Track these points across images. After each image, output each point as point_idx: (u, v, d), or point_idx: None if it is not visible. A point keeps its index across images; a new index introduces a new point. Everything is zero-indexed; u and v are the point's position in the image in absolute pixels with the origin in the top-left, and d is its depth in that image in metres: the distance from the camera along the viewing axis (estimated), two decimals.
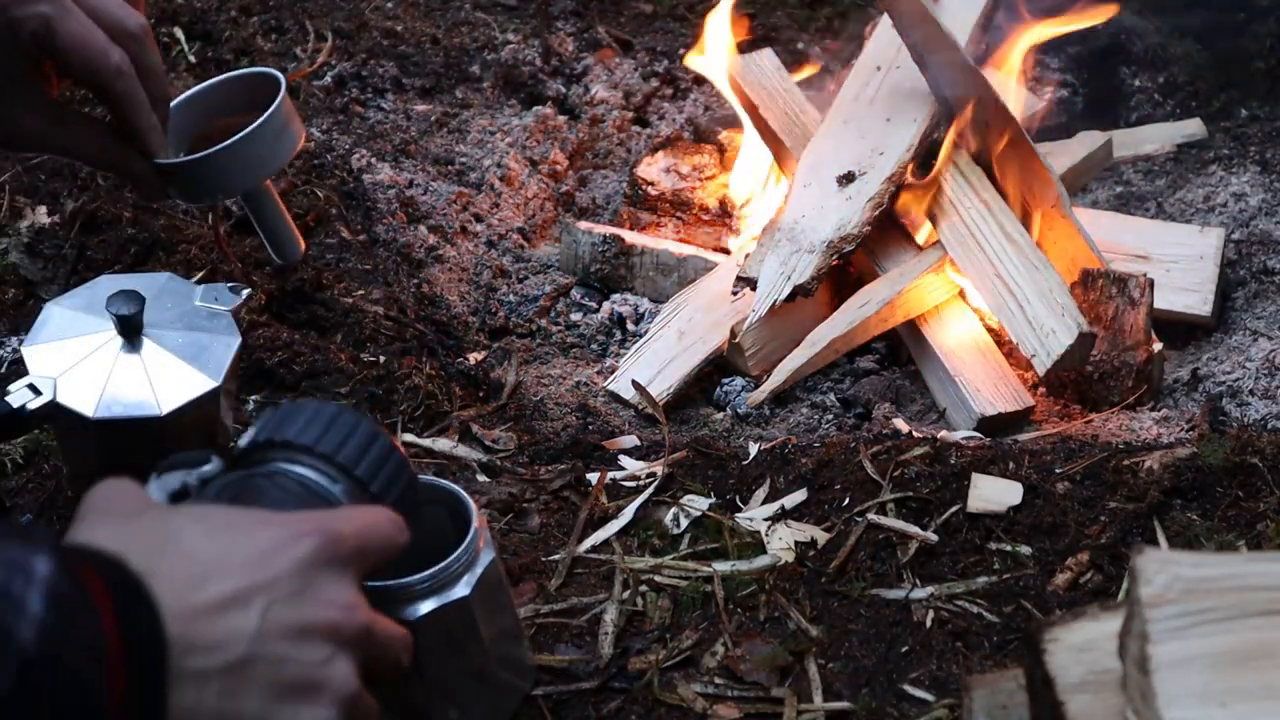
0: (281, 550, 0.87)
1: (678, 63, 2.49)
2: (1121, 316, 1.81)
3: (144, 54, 1.25)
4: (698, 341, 1.92)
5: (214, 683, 0.82)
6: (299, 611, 0.86)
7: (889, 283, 1.90)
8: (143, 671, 0.79)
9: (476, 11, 2.51)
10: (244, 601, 0.84)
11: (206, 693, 0.82)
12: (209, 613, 0.83)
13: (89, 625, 0.77)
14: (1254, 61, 2.42)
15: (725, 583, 1.38)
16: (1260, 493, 1.42)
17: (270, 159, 1.33)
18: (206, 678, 0.82)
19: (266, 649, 0.84)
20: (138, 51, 1.24)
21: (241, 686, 0.83)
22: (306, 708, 0.85)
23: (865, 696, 1.27)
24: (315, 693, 0.86)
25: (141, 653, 0.79)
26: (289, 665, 0.85)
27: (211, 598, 0.84)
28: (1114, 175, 2.28)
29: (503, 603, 1.21)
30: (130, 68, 1.23)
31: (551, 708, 1.26)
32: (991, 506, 1.43)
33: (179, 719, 0.81)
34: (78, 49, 1.20)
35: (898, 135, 1.98)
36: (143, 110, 1.25)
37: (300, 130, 1.36)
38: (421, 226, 2.07)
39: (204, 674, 0.82)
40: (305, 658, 0.86)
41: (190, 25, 2.33)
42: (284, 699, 0.85)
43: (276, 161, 1.34)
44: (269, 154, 1.32)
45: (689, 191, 2.15)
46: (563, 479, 1.54)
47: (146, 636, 0.80)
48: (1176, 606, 0.83)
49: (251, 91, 1.36)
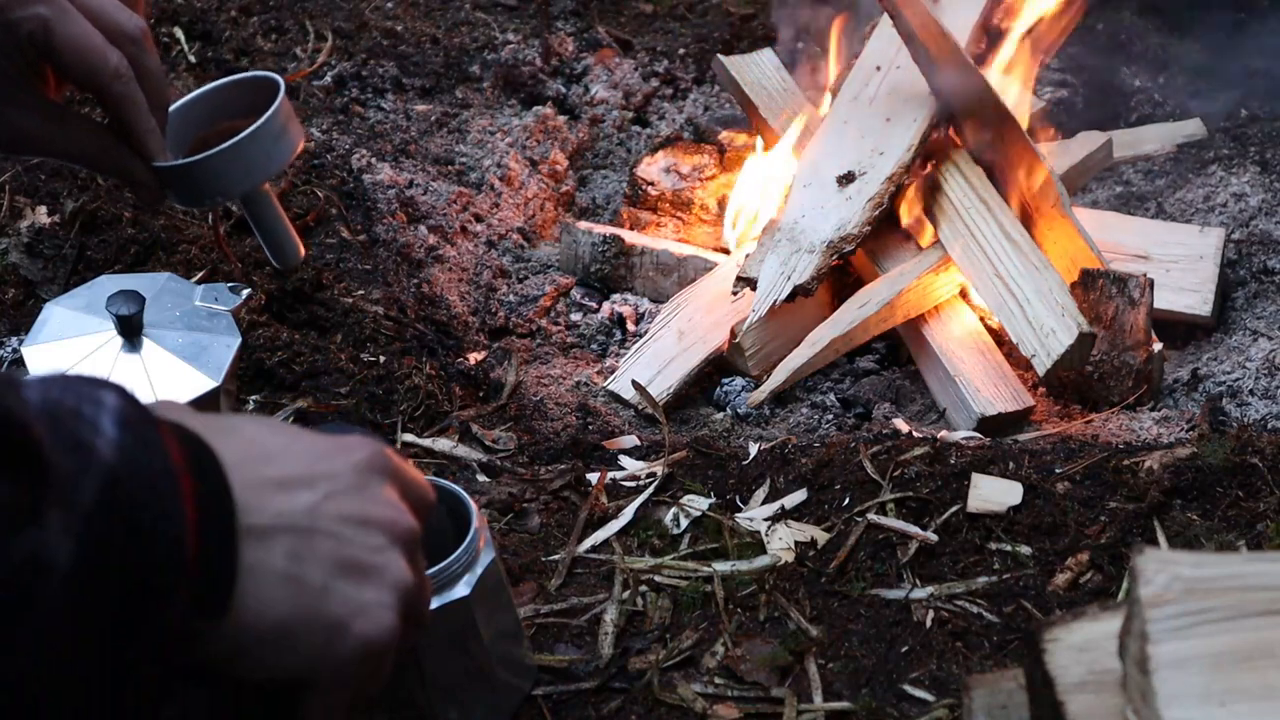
0: (338, 453, 0.89)
1: (677, 63, 2.49)
2: (1121, 316, 1.81)
3: (143, 56, 1.24)
4: (698, 341, 1.92)
5: (280, 544, 0.83)
6: (357, 503, 0.88)
7: (889, 283, 1.90)
8: (212, 509, 0.80)
9: (476, 11, 2.51)
10: (306, 483, 0.86)
11: (274, 552, 0.83)
12: (272, 486, 0.84)
13: (160, 453, 0.77)
14: (1254, 61, 2.42)
15: (725, 583, 1.38)
16: (1260, 493, 1.42)
17: (269, 162, 1.33)
18: (273, 537, 0.83)
19: (328, 526, 0.86)
20: (136, 54, 1.24)
21: (307, 553, 0.84)
22: (368, 588, 0.86)
23: (865, 696, 1.27)
24: (376, 575, 0.87)
25: (210, 492, 0.80)
26: (350, 546, 0.86)
27: (275, 474, 0.85)
28: (1114, 175, 2.28)
29: (503, 603, 1.21)
30: (129, 70, 1.23)
31: (551, 708, 1.26)
32: (991, 506, 1.43)
33: (248, 570, 0.81)
34: (76, 51, 1.20)
35: (898, 135, 1.98)
36: (141, 113, 1.25)
37: (299, 133, 1.36)
38: (421, 226, 2.07)
39: (271, 533, 0.83)
40: (365, 542, 0.87)
41: (190, 25, 2.33)
42: (346, 575, 0.86)
43: (275, 164, 1.34)
44: (268, 156, 1.32)
45: (689, 191, 2.15)
46: (563, 479, 1.54)
47: (213, 481, 0.81)
48: (1176, 606, 0.83)
49: (250, 96, 1.36)
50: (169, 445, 0.78)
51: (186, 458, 0.79)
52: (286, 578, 0.83)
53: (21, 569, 0.67)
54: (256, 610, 0.82)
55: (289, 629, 0.83)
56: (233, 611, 0.81)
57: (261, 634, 0.82)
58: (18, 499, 0.68)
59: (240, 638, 0.81)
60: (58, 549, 0.69)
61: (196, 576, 0.77)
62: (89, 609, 0.72)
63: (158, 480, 0.76)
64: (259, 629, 0.82)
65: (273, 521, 0.83)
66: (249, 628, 0.82)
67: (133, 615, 0.75)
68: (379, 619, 0.86)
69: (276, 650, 0.83)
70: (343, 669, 0.86)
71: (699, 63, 2.49)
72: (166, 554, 0.76)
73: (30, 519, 0.68)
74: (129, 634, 0.75)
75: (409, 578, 0.89)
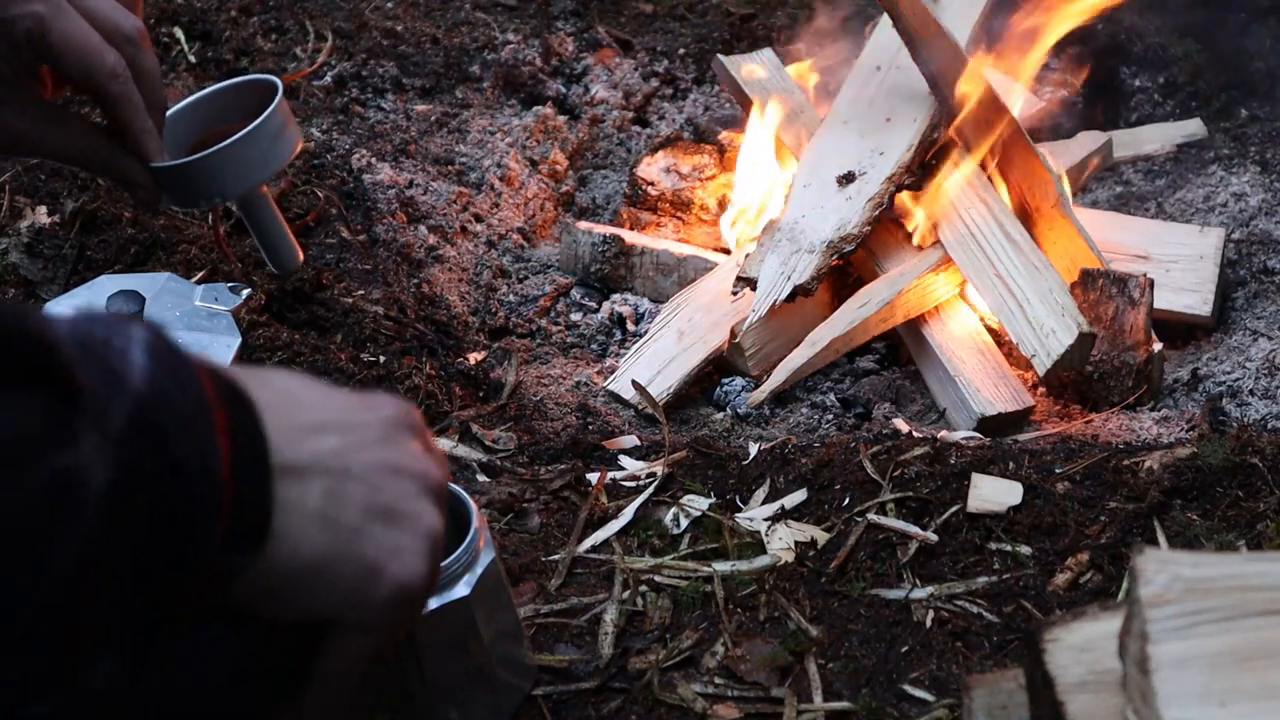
0: (367, 407, 0.90)
1: (677, 63, 2.49)
2: (1121, 316, 1.81)
3: (140, 56, 1.24)
4: (698, 341, 1.92)
5: (315, 484, 0.83)
6: (388, 452, 0.88)
7: (889, 283, 1.90)
8: (246, 444, 0.79)
9: (476, 11, 2.51)
10: (338, 430, 0.86)
11: (309, 492, 0.83)
12: (305, 430, 0.85)
13: (192, 386, 0.77)
14: (1254, 61, 2.42)
15: (725, 583, 1.38)
16: (1260, 493, 1.42)
17: (267, 162, 1.32)
18: (308, 477, 0.83)
19: (362, 472, 0.86)
20: (134, 54, 1.23)
21: (341, 495, 0.84)
22: (401, 533, 0.87)
23: (865, 696, 1.27)
24: (409, 522, 0.88)
25: (243, 427, 0.79)
26: (383, 493, 0.87)
27: (307, 420, 0.85)
28: (1114, 175, 2.29)
29: (503, 603, 1.21)
30: (126, 70, 1.22)
31: (551, 708, 1.26)
32: (991, 506, 1.43)
33: (283, 507, 0.82)
34: (72, 50, 1.20)
35: (898, 135, 1.98)
36: (138, 113, 1.24)
37: (297, 135, 1.36)
38: (421, 226, 2.07)
39: (306, 473, 0.83)
40: (398, 489, 0.88)
41: (190, 25, 2.33)
42: (380, 520, 0.86)
43: (273, 165, 1.34)
44: (265, 157, 1.32)
45: (689, 191, 2.15)
46: (563, 479, 1.54)
47: (246, 417, 0.80)
48: (1176, 606, 0.83)
49: (248, 99, 1.36)
50: (201, 379, 0.78)
51: (218, 393, 0.78)
52: (322, 518, 0.83)
53: (57, 487, 0.66)
54: (292, 548, 0.82)
55: (324, 569, 0.83)
56: (269, 548, 0.80)
57: (296, 573, 0.82)
58: (51, 418, 0.67)
59: (275, 576, 0.81)
60: (92, 471, 0.68)
61: (231, 509, 0.77)
62: (122, 536, 0.71)
63: (190, 411, 0.76)
64: (294, 567, 0.82)
65: (308, 462, 0.83)
66: (284, 566, 0.81)
67: (167, 546, 0.74)
68: (412, 564, 0.87)
69: (310, 590, 0.84)
70: (375, 612, 0.86)
71: (699, 63, 2.49)
72: (200, 485, 0.75)
73: (65, 439, 0.67)
74: (163, 565, 0.74)
75: (440, 526, 0.90)
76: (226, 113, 1.37)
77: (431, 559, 0.88)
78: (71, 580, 0.68)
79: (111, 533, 0.70)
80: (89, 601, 0.70)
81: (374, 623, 0.87)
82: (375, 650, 0.89)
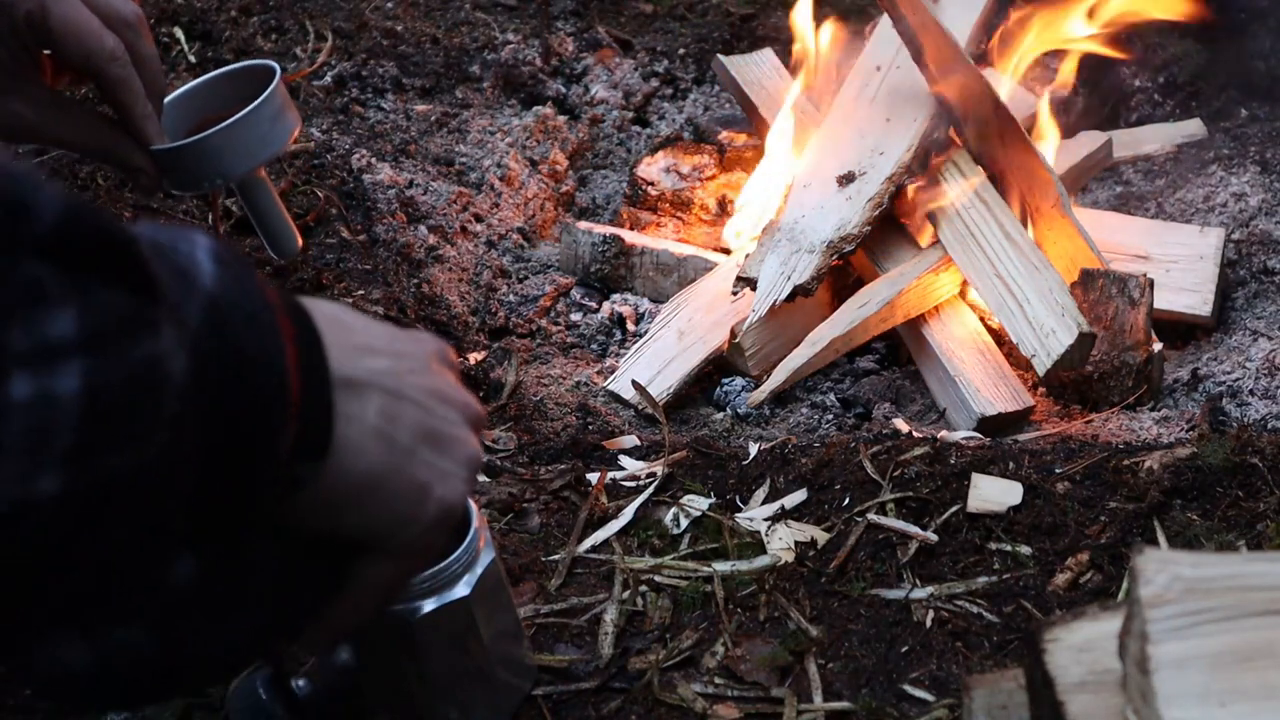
0: (410, 339, 0.92)
1: (677, 63, 2.49)
2: (1121, 316, 1.81)
3: (139, 42, 1.25)
4: (698, 341, 1.92)
5: (373, 400, 0.85)
6: (435, 380, 0.91)
7: (889, 283, 1.90)
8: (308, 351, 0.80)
9: (476, 11, 2.51)
10: (388, 355, 0.88)
11: (368, 407, 0.85)
12: (359, 350, 0.86)
13: (257, 291, 0.78)
14: (1254, 61, 2.42)
15: (725, 583, 1.38)
16: (1260, 493, 1.42)
17: (266, 143, 1.33)
18: (366, 393, 0.85)
19: (413, 395, 0.88)
20: (132, 39, 1.25)
21: (397, 414, 0.86)
22: (447, 458, 0.89)
23: (865, 696, 1.27)
24: (454, 448, 0.90)
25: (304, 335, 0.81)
26: (432, 417, 0.89)
27: (359, 341, 0.87)
28: (1114, 175, 2.28)
29: (503, 603, 1.21)
30: (125, 53, 1.24)
31: (551, 708, 1.26)
32: (991, 506, 1.43)
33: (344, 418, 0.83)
34: (72, 33, 1.21)
35: (898, 135, 1.98)
36: (138, 97, 1.25)
37: (296, 118, 1.36)
38: (421, 226, 2.07)
39: (364, 388, 0.85)
40: (445, 415, 0.90)
41: (190, 25, 2.33)
42: (428, 443, 0.88)
43: (273, 146, 1.34)
44: (266, 138, 1.32)
45: (689, 191, 2.15)
46: (563, 479, 1.54)
47: (307, 326, 0.81)
48: (1176, 606, 0.83)
49: (246, 85, 1.36)
50: (264, 287, 0.79)
51: (281, 301, 0.80)
52: (379, 433, 0.85)
53: (143, 371, 0.67)
54: (351, 460, 0.83)
55: (378, 485, 0.85)
56: (330, 459, 0.82)
57: (353, 488, 0.84)
58: (134, 307, 0.68)
59: (332, 487, 0.83)
60: (173, 360, 0.69)
61: (299, 412, 0.78)
62: (202, 427, 0.72)
63: (257, 313, 0.77)
64: (351, 482, 0.84)
65: (365, 378, 0.85)
66: (343, 479, 0.83)
67: (243, 443, 0.75)
68: (456, 489, 0.90)
69: (363, 507, 0.85)
70: (420, 532, 0.88)
71: (699, 63, 2.49)
72: (271, 384, 0.77)
73: (149, 328, 0.68)
74: (239, 463, 0.75)
75: (480, 455, 0.92)
76: (224, 100, 1.37)
77: (470, 488, 0.91)
78: (157, 467, 0.69)
79: (192, 425, 0.71)
80: (172, 493, 0.71)
81: (417, 544, 0.89)
82: (401, 577, 0.91)
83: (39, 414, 0.63)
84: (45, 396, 0.63)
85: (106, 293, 0.66)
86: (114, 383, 0.65)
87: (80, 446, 0.64)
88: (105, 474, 0.66)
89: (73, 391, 0.63)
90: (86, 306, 0.65)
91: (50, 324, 0.63)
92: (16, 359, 0.62)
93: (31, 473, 0.63)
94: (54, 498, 0.64)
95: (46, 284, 0.64)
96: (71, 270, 0.65)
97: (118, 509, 0.67)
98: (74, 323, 0.64)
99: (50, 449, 0.63)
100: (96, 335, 0.65)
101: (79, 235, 0.66)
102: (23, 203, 0.64)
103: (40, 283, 0.64)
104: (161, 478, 0.69)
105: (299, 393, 0.78)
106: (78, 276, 0.65)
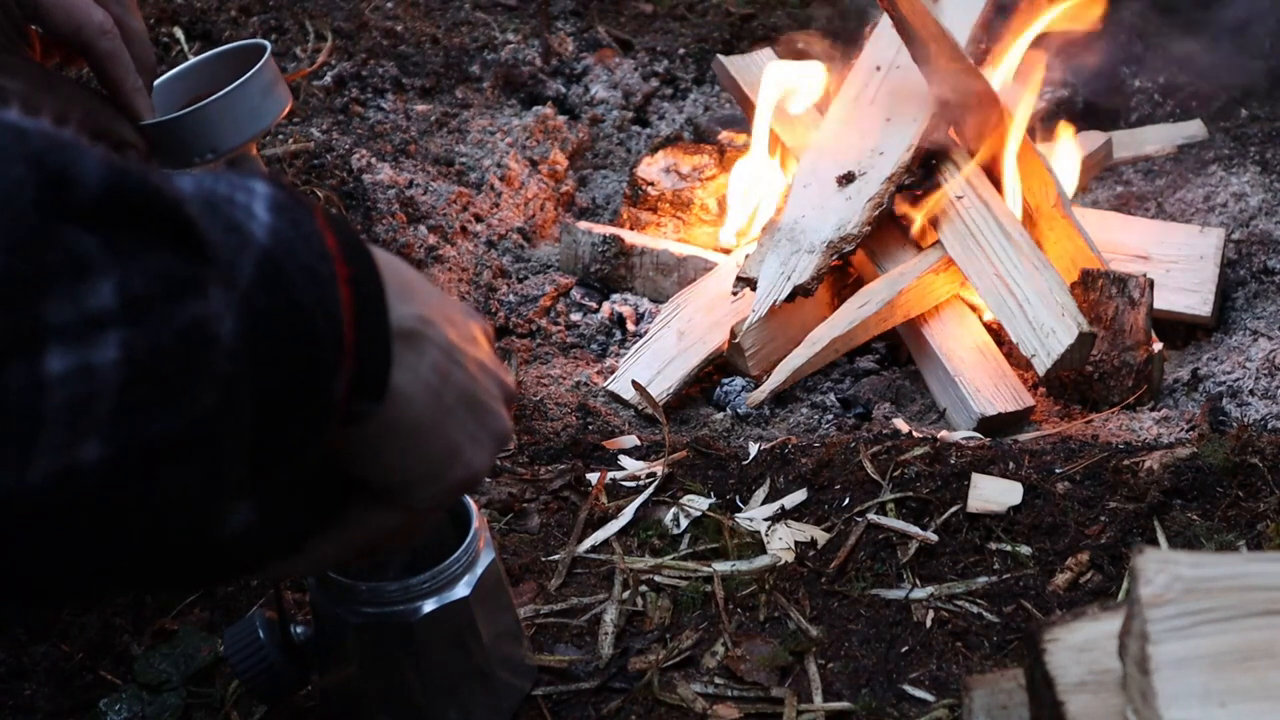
0: (461, 310, 0.93)
1: (677, 63, 2.49)
2: (1121, 316, 1.81)
3: (127, 17, 1.26)
4: (698, 341, 1.92)
5: (429, 355, 0.87)
6: (481, 351, 0.92)
7: (889, 283, 1.90)
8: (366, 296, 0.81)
9: (476, 11, 2.51)
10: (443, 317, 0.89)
11: (424, 362, 0.86)
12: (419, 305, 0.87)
13: (315, 237, 0.78)
14: (1254, 61, 2.42)
15: (725, 583, 1.38)
16: (1260, 493, 1.42)
17: (258, 117, 1.33)
18: (423, 346, 0.86)
19: (462, 359, 0.89)
20: (121, 14, 1.25)
21: (448, 374, 0.88)
22: (481, 427, 0.91)
23: (865, 696, 1.27)
24: (489, 419, 0.92)
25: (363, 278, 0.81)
26: (476, 385, 0.91)
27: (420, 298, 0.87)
28: (1114, 175, 2.29)
29: (503, 603, 1.21)
30: (114, 27, 1.24)
31: (551, 708, 1.26)
32: (991, 506, 1.43)
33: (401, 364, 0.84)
34: (61, 6, 1.21)
35: (898, 135, 1.98)
36: (129, 71, 1.26)
37: (287, 93, 1.36)
38: (421, 226, 2.07)
39: (420, 341, 0.86)
40: (487, 386, 0.92)
41: (190, 25, 2.33)
42: (469, 409, 0.90)
43: (265, 120, 1.34)
44: (257, 112, 1.32)
45: (689, 191, 2.15)
46: (563, 479, 1.54)
47: (367, 270, 0.82)
48: (1176, 606, 0.83)
49: (236, 65, 1.36)
50: (323, 230, 0.79)
51: (340, 244, 0.80)
52: (429, 387, 0.86)
53: (187, 334, 0.67)
54: (402, 407, 0.85)
55: (420, 437, 0.87)
56: (386, 402, 0.83)
57: (398, 435, 0.86)
58: (179, 270, 0.68)
59: (375, 432, 0.84)
60: (220, 322, 0.69)
61: (354, 353, 0.79)
62: (256, 384, 0.72)
63: (313, 262, 0.77)
64: (397, 429, 0.85)
65: (425, 331, 0.86)
66: (390, 425, 0.85)
67: (295, 388, 0.76)
68: (483, 458, 0.91)
69: (401, 455, 0.87)
70: (438, 492, 0.90)
71: (699, 63, 2.49)
72: (325, 330, 0.77)
73: (195, 291, 0.68)
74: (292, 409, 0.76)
75: (510, 433, 0.94)
76: (214, 80, 1.37)
77: (493, 461, 0.93)
78: (207, 427, 0.69)
79: (245, 381, 0.71)
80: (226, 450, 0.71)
81: (426, 502, 0.90)
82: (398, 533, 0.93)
83: (79, 385, 0.63)
84: (84, 367, 0.63)
85: (151, 257, 0.66)
86: (155, 349, 0.65)
87: (121, 413, 0.64)
88: (148, 438, 0.66)
89: (112, 361, 0.64)
90: (128, 274, 0.65)
91: (91, 295, 0.63)
92: (55, 332, 0.62)
93: (73, 442, 0.63)
94: (96, 466, 0.64)
95: (89, 254, 0.64)
96: (117, 237, 0.65)
97: (167, 472, 0.68)
98: (114, 291, 0.64)
99: (91, 418, 0.63)
100: (137, 302, 0.65)
101: (124, 200, 0.66)
102: (65, 172, 0.64)
103: (83, 253, 0.64)
104: (213, 436, 0.70)
105: (353, 334, 0.79)
106: (122, 243, 0.65)
